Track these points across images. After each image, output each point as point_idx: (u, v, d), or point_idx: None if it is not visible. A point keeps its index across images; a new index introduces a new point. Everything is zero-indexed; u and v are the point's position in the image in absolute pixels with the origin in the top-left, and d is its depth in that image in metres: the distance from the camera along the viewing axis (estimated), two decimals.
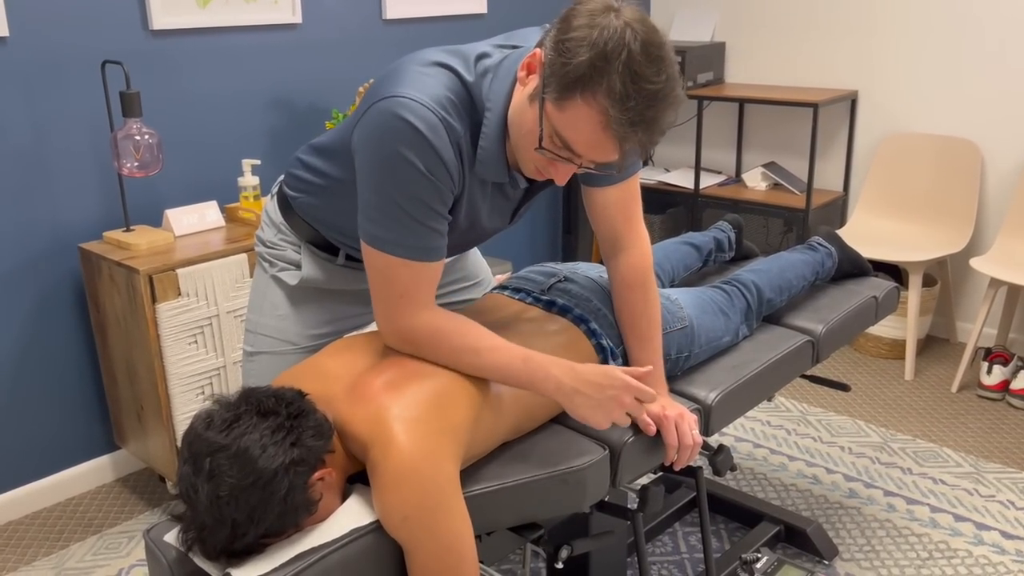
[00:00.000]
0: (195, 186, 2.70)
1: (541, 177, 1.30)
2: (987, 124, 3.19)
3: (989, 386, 2.96)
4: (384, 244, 1.29)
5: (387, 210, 1.26)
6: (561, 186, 1.29)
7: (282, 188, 1.57)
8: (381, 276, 1.31)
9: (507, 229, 2.67)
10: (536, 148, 1.22)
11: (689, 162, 3.94)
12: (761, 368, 1.74)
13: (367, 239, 1.31)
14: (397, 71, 1.29)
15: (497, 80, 1.29)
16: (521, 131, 1.25)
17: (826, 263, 2.08)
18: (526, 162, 1.29)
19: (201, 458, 1.13)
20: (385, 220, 1.27)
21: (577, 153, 1.21)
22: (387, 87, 1.26)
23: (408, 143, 1.22)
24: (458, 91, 1.27)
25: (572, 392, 1.30)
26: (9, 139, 2.30)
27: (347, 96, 3.04)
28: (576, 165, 1.24)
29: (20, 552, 2.32)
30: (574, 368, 1.30)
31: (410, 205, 1.25)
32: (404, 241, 1.28)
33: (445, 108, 1.24)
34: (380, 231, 1.28)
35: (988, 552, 2.19)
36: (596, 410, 1.30)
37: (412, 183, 1.24)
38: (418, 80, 1.25)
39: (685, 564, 2.17)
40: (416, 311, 1.32)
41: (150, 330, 2.23)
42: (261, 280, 1.61)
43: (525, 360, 1.32)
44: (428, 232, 1.29)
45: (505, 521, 1.36)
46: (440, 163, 1.24)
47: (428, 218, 1.27)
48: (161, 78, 2.55)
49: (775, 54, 3.65)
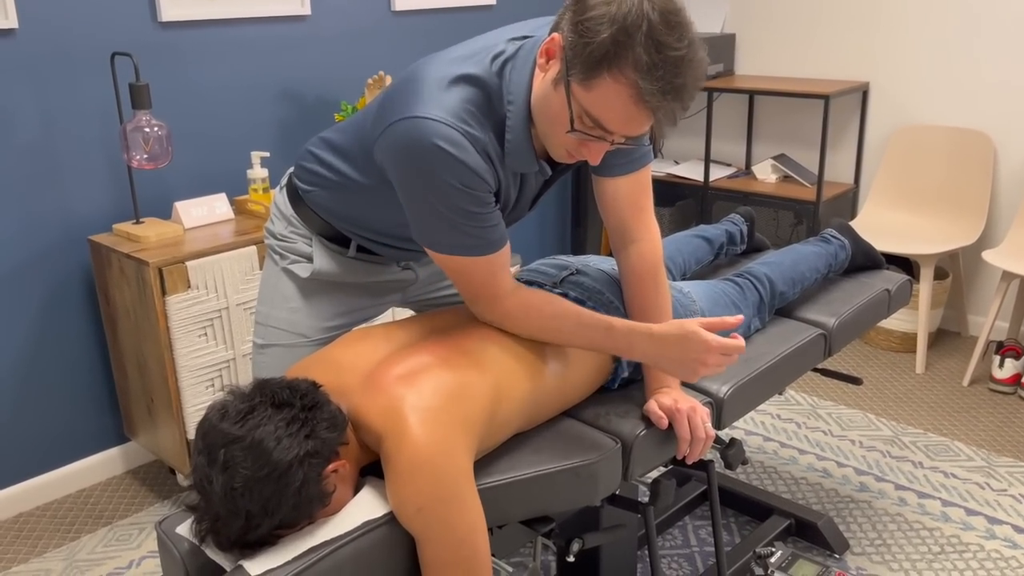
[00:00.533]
0: (204, 178, 2.69)
1: (572, 160, 1.30)
2: (1000, 116, 3.17)
3: (1001, 380, 2.95)
4: (448, 248, 1.33)
5: (437, 223, 1.30)
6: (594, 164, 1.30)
7: (292, 180, 1.57)
8: (458, 275, 1.36)
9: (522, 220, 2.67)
10: (568, 131, 1.22)
11: (699, 154, 3.93)
12: (773, 361, 1.73)
13: (430, 246, 1.34)
14: (410, 86, 1.28)
15: (515, 72, 1.29)
16: (548, 117, 1.26)
17: (839, 256, 2.07)
18: (556, 147, 1.29)
19: (215, 449, 1.13)
20: (440, 229, 1.30)
21: (610, 130, 1.21)
22: (404, 105, 1.26)
23: (439, 166, 1.24)
24: (475, 97, 1.28)
25: (657, 357, 1.35)
26: (19, 131, 2.29)
27: (356, 88, 3.03)
28: (609, 142, 1.24)
29: (31, 543, 2.32)
30: (654, 337, 1.34)
31: (457, 215, 1.28)
32: (464, 242, 1.31)
33: (465, 121, 1.25)
34: (439, 237, 1.32)
35: (1000, 546, 2.18)
36: (682, 369, 1.35)
37: (452, 197, 1.26)
38: (433, 96, 1.25)
39: (695, 557, 2.17)
40: (501, 298, 1.38)
41: (160, 322, 2.23)
42: (271, 273, 1.61)
43: (608, 330, 1.36)
44: (483, 230, 1.31)
45: (517, 514, 1.35)
46: (473, 175, 1.26)
47: (478, 220, 1.30)
48: (170, 70, 2.54)
49: (785, 45, 3.63)
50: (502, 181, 1.35)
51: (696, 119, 3.93)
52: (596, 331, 1.37)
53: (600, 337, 1.37)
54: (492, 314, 1.40)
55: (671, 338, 1.33)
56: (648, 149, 1.49)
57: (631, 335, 1.36)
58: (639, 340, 1.35)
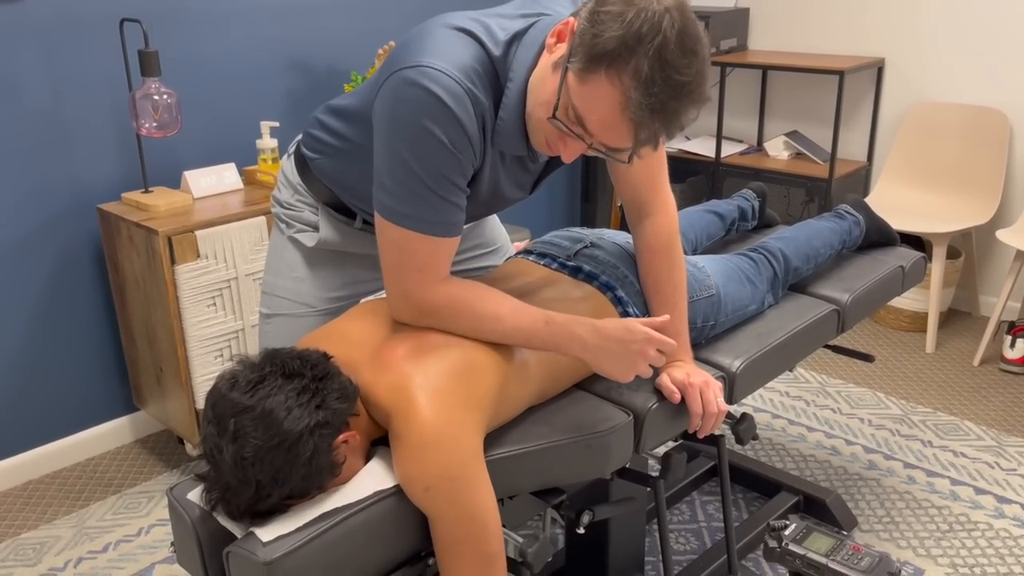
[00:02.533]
0: (213, 148, 2.68)
1: (549, 151, 1.25)
2: (1016, 94, 3.13)
3: (1012, 360, 2.93)
4: (403, 219, 1.25)
5: (407, 184, 1.23)
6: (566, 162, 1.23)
7: (299, 148, 1.55)
8: (397, 249, 1.28)
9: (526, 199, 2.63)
10: (549, 118, 1.18)
11: (710, 130, 3.89)
12: (786, 337, 1.72)
13: (384, 213, 1.26)
14: (421, 36, 1.24)
15: (523, 48, 1.25)
16: (538, 99, 1.21)
17: (853, 232, 2.05)
18: (536, 132, 1.24)
19: (226, 419, 1.12)
20: (405, 194, 1.23)
21: (589, 131, 1.16)
22: (410, 54, 1.21)
23: (433, 115, 1.18)
24: (483, 61, 1.23)
25: (596, 350, 1.28)
26: (28, 99, 2.28)
27: (366, 58, 3.01)
28: (586, 145, 1.19)
29: (40, 511, 2.34)
30: (596, 326, 1.28)
31: (432, 179, 1.22)
32: (424, 216, 1.24)
33: (471, 79, 1.20)
34: (398, 205, 1.24)
35: (1009, 525, 2.17)
36: (620, 364, 1.29)
37: (435, 157, 1.20)
38: (443, 48, 1.21)
39: (703, 532, 2.17)
40: (434, 284, 1.29)
41: (169, 292, 2.23)
42: (278, 241, 1.60)
43: (547, 322, 1.30)
44: (449, 207, 1.25)
45: (528, 485, 1.35)
46: (464, 136, 1.21)
47: (449, 192, 1.24)
48: (180, 37, 2.52)
49: (800, 20, 3.58)
50: (487, 159, 1.29)
51: None
52: (535, 324, 1.29)
53: (539, 329, 1.29)
54: (418, 303, 1.29)
55: (615, 329, 1.27)
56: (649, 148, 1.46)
57: (574, 325, 1.29)
58: (581, 331, 1.28)
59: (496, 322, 1.29)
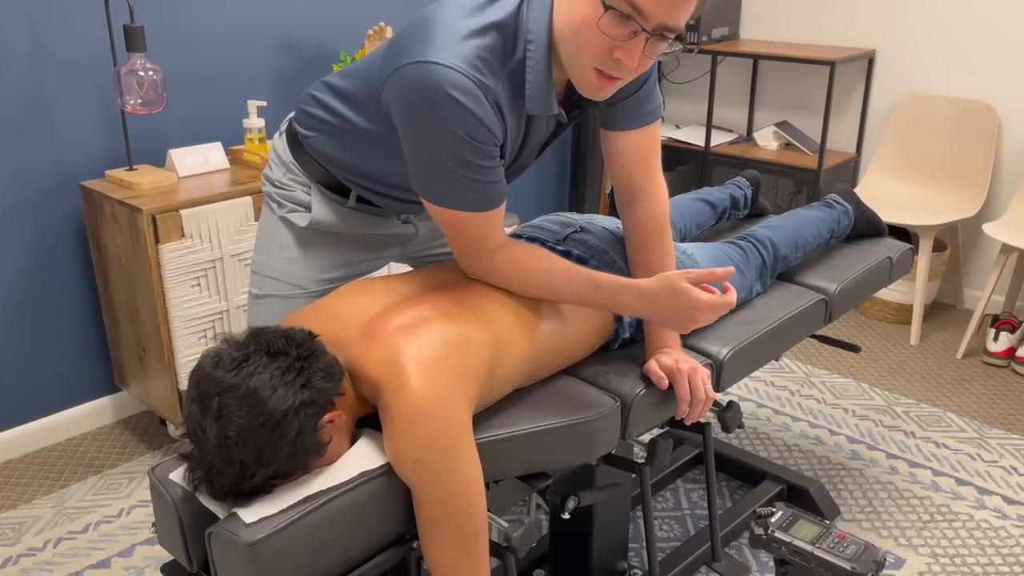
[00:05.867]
0: (199, 126, 2.64)
1: (602, 85, 1.24)
2: (1006, 88, 3.13)
3: (995, 352, 2.95)
4: (446, 201, 1.29)
5: (440, 173, 1.26)
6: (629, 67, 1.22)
7: (292, 125, 1.53)
8: (450, 227, 1.33)
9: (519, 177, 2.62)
10: (600, 16, 1.16)
11: (700, 119, 3.88)
12: (774, 325, 1.72)
13: (428, 197, 1.31)
14: (424, 27, 1.24)
15: (533, 9, 1.25)
16: (574, 28, 1.20)
17: (842, 221, 2.05)
18: (584, 68, 1.23)
19: (209, 398, 1.11)
20: (441, 180, 1.27)
21: (643, 11, 1.15)
22: (416, 47, 1.21)
23: (448, 114, 1.20)
24: (490, 42, 1.23)
25: (646, 313, 1.34)
26: (9, 73, 2.24)
27: (356, 38, 2.98)
28: (644, 36, 1.18)
29: (20, 490, 2.31)
30: (642, 293, 1.32)
31: (461, 168, 1.25)
32: (464, 196, 1.28)
33: (478, 68, 1.21)
34: (438, 189, 1.28)
35: (990, 516, 2.19)
36: (673, 325, 1.34)
37: (457, 148, 1.23)
38: (447, 41, 1.21)
39: (686, 520, 2.17)
40: (492, 253, 1.35)
41: (152, 271, 2.20)
42: (269, 221, 1.58)
43: (596, 286, 1.35)
44: (484, 185, 1.28)
45: (514, 469, 1.34)
46: (481, 125, 1.22)
47: (481, 174, 1.27)
48: (166, 13, 2.48)
49: (792, 10, 3.57)
50: (508, 134, 1.31)
51: (699, 83, 3.88)
52: (584, 287, 1.35)
53: (588, 292, 1.35)
54: (480, 268, 1.38)
55: (659, 294, 1.31)
56: (658, 105, 1.46)
57: (619, 292, 1.34)
58: (626, 296, 1.34)
59: (548, 277, 1.36)
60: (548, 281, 1.36)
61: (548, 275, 1.36)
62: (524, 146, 1.39)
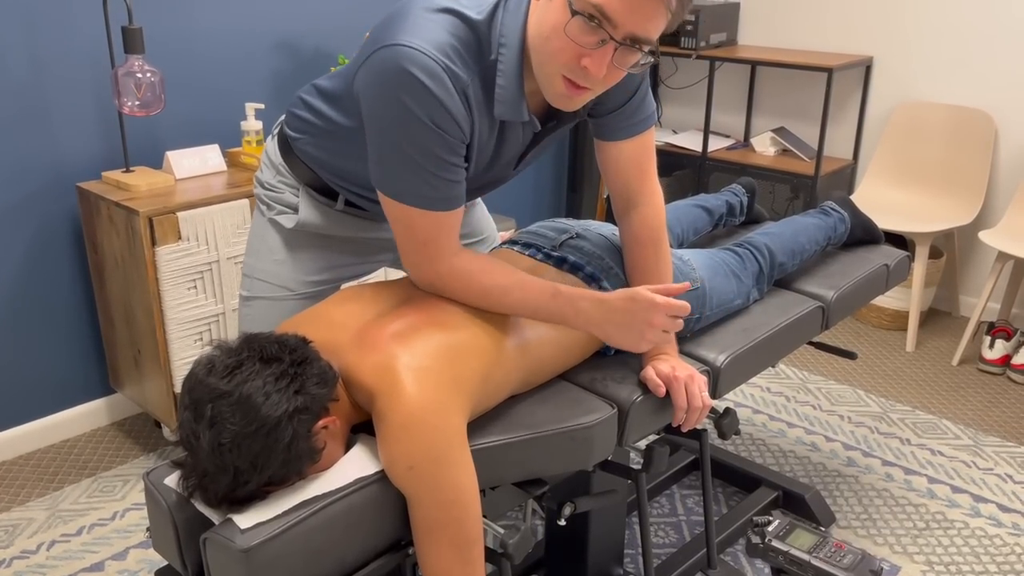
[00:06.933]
0: (197, 128, 2.64)
1: (571, 93, 1.22)
2: (1003, 96, 3.14)
3: (990, 360, 2.95)
4: (401, 195, 1.26)
5: (399, 162, 1.23)
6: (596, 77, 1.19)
7: (283, 128, 1.53)
8: (401, 225, 1.30)
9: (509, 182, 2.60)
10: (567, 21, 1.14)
11: (698, 124, 3.89)
12: (771, 332, 1.72)
13: (383, 189, 1.28)
14: (399, 15, 1.23)
15: (508, 14, 1.23)
16: (544, 35, 1.18)
17: (839, 228, 2.05)
18: (553, 76, 1.21)
19: (202, 405, 1.10)
20: (398, 171, 1.24)
21: (612, 19, 1.13)
22: (388, 33, 1.21)
23: (412, 95, 1.17)
24: (464, 36, 1.22)
25: (603, 322, 1.31)
26: (7, 73, 2.23)
27: (354, 41, 2.97)
28: (613, 45, 1.16)
29: (13, 492, 2.30)
30: (600, 299, 1.30)
31: (421, 157, 1.22)
32: (420, 191, 1.25)
33: (448, 56, 1.19)
34: (395, 181, 1.25)
35: (985, 524, 2.19)
36: (629, 335, 1.31)
37: (420, 135, 1.20)
38: (420, 26, 1.20)
39: (682, 526, 2.17)
40: (442, 257, 1.31)
41: (149, 273, 2.20)
42: (259, 223, 1.58)
43: (554, 295, 1.32)
44: (443, 182, 1.25)
45: (511, 476, 1.34)
46: (446, 113, 1.20)
47: (441, 169, 1.24)
48: (165, 14, 2.48)
49: (790, 17, 3.58)
50: (476, 133, 1.28)
51: (696, 89, 3.89)
52: (541, 296, 1.31)
53: (544, 302, 1.31)
54: (427, 275, 1.32)
55: (617, 301, 1.29)
56: (652, 113, 1.45)
57: (576, 300, 1.31)
58: (583, 303, 1.31)
59: (503, 295, 1.31)
60: (500, 295, 1.31)
61: (501, 288, 1.31)
62: (498, 155, 1.37)
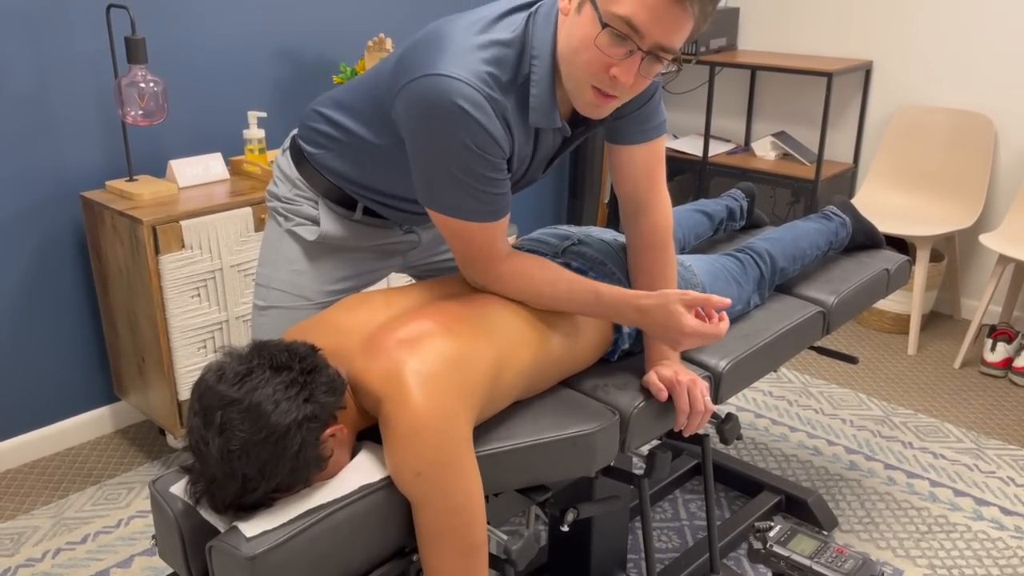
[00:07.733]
0: (200, 137, 2.65)
1: (600, 101, 1.27)
2: (1003, 99, 3.15)
3: (992, 363, 2.96)
4: (452, 211, 1.31)
5: (449, 183, 1.28)
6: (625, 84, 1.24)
7: (296, 142, 1.54)
8: (455, 237, 1.36)
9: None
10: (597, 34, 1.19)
11: (698, 129, 3.90)
12: (772, 337, 1.72)
13: (433, 207, 1.33)
14: (436, 41, 1.26)
15: (538, 27, 1.28)
16: (573, 48, 1.24)
17: (840, 233, 2.06)
18: (582, 87, 1.26)
19: (212, 411, 1.11)
20: (449, 191, 1.29)
21: (640, 32, 1.18)
22: (428, 60, 1.24)
23: (457, 125, 1.22)
24: (501, 58, 1.26)
25: (643, 325, 1.37)
26: (12, 83, 2.25)
27: (356, 50, 2.99)
28: (640, 54, 1.20)
29: (19, 500, 2.31)
30: (640, 309, 1.35)
31: (469, 178, 1.27)
32: (471, 207, 1.31)
33: (488, 84, 1.24)
34: (447, 200, 1.31)
35: (987, 527, 2.19)
36: (666, 339, 1.37)
37: (466, 159, 1.25)
38: (460, 55, 1.24)
39: (684, 531, 2.18)
40: (497, 262, 1.38)
41: (152, 281, 2.21)
42: (274, 234, 1.59)
43: (597, 297, 1.38)
44: (491, 196, 1.31)
45: (514, 482, 1.35)
46: (490, 139, 1.25)
47: (488, 184, 1.29)
48: (167, 24, 2.49)
49: (790, 21, 3.59)
50: (516, 148, 1.34)
51: (697, 94, 3.90)
52: (585, 297, 1.38)
53: (589, 303, 1.38)
54: (485, 278, 1.40)
55: (654, 311, 1.34)
56: (663, 120, 1.47)
57: (619, 305, 1.37)
58: (625, 309, 1.37)
59: (551, 286, 1.38)
60: (551, 291, 1.39)
61: (552, 285, 1.38)
62: (533, 159, 1.41)
